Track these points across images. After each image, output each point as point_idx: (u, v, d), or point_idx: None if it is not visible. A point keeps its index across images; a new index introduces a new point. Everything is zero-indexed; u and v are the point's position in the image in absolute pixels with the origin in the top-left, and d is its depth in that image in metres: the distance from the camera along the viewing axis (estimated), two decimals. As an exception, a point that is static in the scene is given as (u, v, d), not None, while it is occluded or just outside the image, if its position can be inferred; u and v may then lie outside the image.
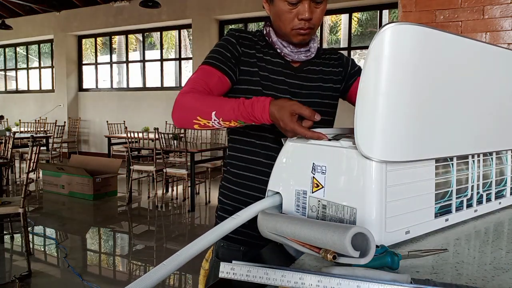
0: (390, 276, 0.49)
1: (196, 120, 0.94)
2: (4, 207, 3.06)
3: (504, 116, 0.85)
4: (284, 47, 1.07)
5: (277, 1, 1.00)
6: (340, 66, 1.18)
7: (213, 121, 0.92)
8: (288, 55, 1.08)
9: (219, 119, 0.91)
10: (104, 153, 8.03)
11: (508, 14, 2.78)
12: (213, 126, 0.93)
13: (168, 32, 9.98)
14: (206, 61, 1.05)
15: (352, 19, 6.98)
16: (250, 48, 1.08)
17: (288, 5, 0.97)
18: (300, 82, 1.09)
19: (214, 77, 1.02)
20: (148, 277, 0.60)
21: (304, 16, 0.97)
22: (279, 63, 1.08)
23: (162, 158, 4.86)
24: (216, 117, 0.91)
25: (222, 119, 0.91)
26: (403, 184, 0.66)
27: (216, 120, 0.91)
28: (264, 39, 1.11)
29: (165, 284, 2.87)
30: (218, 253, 1.12)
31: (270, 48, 1.09)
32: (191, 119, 0.94)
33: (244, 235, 1.08)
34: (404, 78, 0.62)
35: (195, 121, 0.94)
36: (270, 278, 0.51)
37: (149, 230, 4.20)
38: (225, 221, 0.72)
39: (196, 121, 0.94)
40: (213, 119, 0.92)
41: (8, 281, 2.84)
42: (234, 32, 1.09)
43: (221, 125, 0.92)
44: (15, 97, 10.48)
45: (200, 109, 0.93)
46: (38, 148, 3.40)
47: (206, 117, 0.92)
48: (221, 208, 1.15)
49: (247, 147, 1.09)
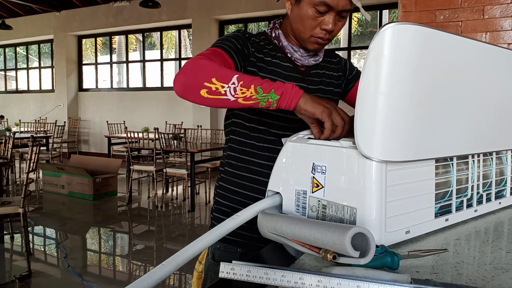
0: (390, 276, 0.49)
1: (208, 82, 0.82)
2: (4, 207, 3.06)
3: (504, 116, 0.85)
4: (294, 52, 1.06)
5: (305, 5, 0.97)
6: (340, 71, 1.18)
7: (230, 84, 0.81)
8: (298, 60, 1.07)
9: (239, 83, 0.81)
10: (104, 153, 8.03)
11: (508, 14, 2.78)
12: (225, 93, 0.82)
13: (168, 32, 9.99)
14: (219, 45, 0.97)
15: (352, 19, 6.98)
16: (259, 51, 1.05)
17: (316, 13, 0.96)
18: (306, 86, 1.09)
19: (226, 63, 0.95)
20: (148, 277, 0.60)
21: (328, 27, 0.97)
22: (288, 67, 1.07)
23: (162, 158, 4.86)
24: (236, 80, 0.82)
25: (242, 83, 0.81)
26: (403, 184, 0.66)
27: (235, 84, 0.81)
28: (270, 43, 1.08)
29: (165, 284, 2.87)
30: (214, 256, 1.11)
31: (278, 52, 1.08)
32: (202, 81, 0.83)
33: (241, 236, 1.07)
34: (404, 78, 0.62)
35: (206, 83, 0.82)
36: (270, 278, 0.51)
37: (149, 230, 4.20)
38: (225, 221, 0.72)
39: (208, 84, 0.82)
40: (231, 81, 0.81)
41: (8, 281, 2.84)
42: (242, 33, 1.06)
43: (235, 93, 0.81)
44: (15, 97, 10.48)
45: (220, 71, 0.84)
46: (38, 148, 3.40)
47: (224, 79, 0.82)
48: (217, 209, 1.14)
49: (247, 148, 1.09)
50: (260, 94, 0.81)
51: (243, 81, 0.81)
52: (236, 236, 1.07)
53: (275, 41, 1.09)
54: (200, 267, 1.12)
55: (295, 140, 0.79)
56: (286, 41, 1.07)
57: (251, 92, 0.81)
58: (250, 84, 0.81)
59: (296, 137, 0.80)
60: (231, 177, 1.11)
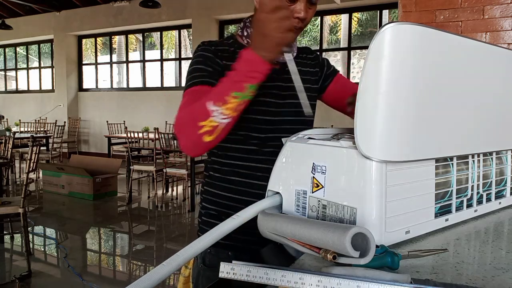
0: (390, 276, 0.49)
1: (200, 130, 0.83)
2: (4, 207, 3.06)
3: (504, 116, 0.85)
4: None
5: None
6: (317, 66, 1.17)
7: (214, 114, 0.81)
8: None
9: (218, 107, 0.81)
10: (104, 153, 8.03)
11: (508, 14, 2.78)
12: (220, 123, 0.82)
13: (168, 32, 10.00)
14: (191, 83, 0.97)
15: (352, 19, 6.98)
16: (229, 59, 1.02)
17: (287, 1, 0.96)
18: (282, 84, 1.07)
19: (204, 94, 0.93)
20: (148, 277, 0.60)
21: (300, 15, 0.96)
22: None
23: (162, 158, 4.86)
24: (214, 107, 0.81)
25: (220, 103, 0.81)
26: (403, 184, 0.66)
27: (217, 109, 0.81)
28: (241, 45, 1.06)
29: (165, 284, 2.87)
30: (205, 260, 1.08)
31: None
32: (195, 133, 0.84)
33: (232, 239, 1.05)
34: (404, 78, 0.62)
35: (200, 132, 0.83)
36: (270, 278, 0.51)
37: (149, 230, 4.20)
38: (225, 221, 0.72)
39: (202, 131, 0.83)
40: (212, 112, 0.81)
41: (8, 281, 2.84)
42: (207, 46, 1.03)
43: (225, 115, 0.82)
44: (15, 97, 10.48)
45: (196, 113, 0.83)
46: (38, 148, 3.41)
47: (205, 115, 0.82)
48: (206, 213, 1.11)
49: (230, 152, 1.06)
50: (242, 96, 0.82)
51: (219, 101, 0.81)
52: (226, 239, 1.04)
53: (248, 40, 1.06)
54: (187, 271, 1.09)
55: (295, 140, 0.79)
56: None
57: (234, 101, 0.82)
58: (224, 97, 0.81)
59: (296, 137, 0.80)
60: (217, 181, 1.09)
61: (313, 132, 0.83)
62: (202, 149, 0.88)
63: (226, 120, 0.84)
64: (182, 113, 0.87)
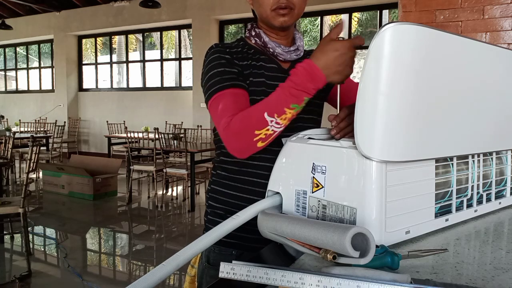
0: (390, 276, 0.49)
1: (256, 137, 0.87)
2: (4, 207, 3.06)
3: (504, 116, 0.85)
4: (276, 47, 1.06)
5: None
6: None
7: (271, 124, 0.86)
8: (281, 54, 1.06)
9: (275, 117, 0.85)
10: (104, 153, 8.03)
11: (508, 14, 2.78)
12: (274, 132, 0.87)
13: (168, 32, 9.99)
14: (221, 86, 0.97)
15: (352, 19, 6.98)
16: (242, 59, 1.04)
17: None
18: None
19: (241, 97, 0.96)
20: (148, 277, 0.60)
21: None
22: (273, 68, 1.06)
23: (162, 158, 4.86)
24: (270, 117, 0.85)
25: (277, 114, 0.85)
26: (403, 184, 0.66)
27: (273, 120, 0.85)
28: (251, 47, 1.08)
29: (165, 284, 2.88)
30: (209, 259, 1.09)
31: (261, 54, 1.07)
32: (250, 140, 0.87)
33: (236, 238, 1.05)
34: (404, 78, 0.62)
35: (255, 139, 0.87)
36: (270, 278, 0.51)
37: (149, 230, 4.20)
38: (225, 221, 0.72)
39: (257, 138, 0.87)
40: (269, 122, 0.85)
41: (8, 281, 2.84)
42: (221, 48, 1.04)
43: (280, 124, 0.86)
44: (15, 97, 10.48)
45: (253, 122, 0.87)
46: (38, 148, 3.40)
47: (262, 125, 0.86)
48: (212, 212, 1.12)
49: None
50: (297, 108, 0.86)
51: (276, 112, 0.85)
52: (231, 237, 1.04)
53: (256, 39, 1.07)
54: (193, 271, 1.10)
55: (295, 140, 0.79)
56: (267, 37, 1.07)
57: (290, 113, 0.86)
58: (283, 108, 0.85)
59: (296, 137, 0.80)
60: (225, 180, 1.09)
61: (313, 132, 0.83)
62: (252, 152, 0.92)
63: (280, 129, 0.88)
64: (238, 121, 0.89)
